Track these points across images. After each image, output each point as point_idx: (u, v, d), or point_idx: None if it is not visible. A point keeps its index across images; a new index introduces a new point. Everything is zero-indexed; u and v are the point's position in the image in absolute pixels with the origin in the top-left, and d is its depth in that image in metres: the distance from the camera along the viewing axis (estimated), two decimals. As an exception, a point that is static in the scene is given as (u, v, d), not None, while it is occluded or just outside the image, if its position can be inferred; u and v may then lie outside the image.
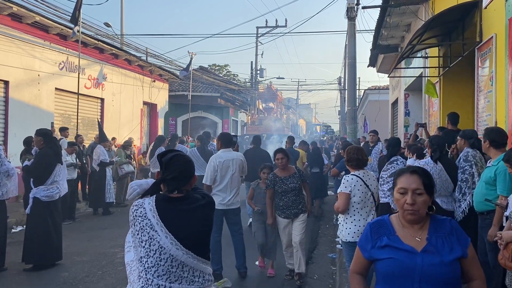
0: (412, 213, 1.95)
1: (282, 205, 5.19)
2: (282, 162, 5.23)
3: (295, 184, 5.20)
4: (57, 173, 5.84)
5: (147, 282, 2.12)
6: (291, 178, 5.23)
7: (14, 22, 10.42)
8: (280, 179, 5.21)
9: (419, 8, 9.29)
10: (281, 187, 5.17)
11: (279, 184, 5.19)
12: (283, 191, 5.16)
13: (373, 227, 2.08)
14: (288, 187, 5.16)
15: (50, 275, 5.51)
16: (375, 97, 20.56)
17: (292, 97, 54.31)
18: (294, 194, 5.20)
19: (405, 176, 2.00)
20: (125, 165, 10.93)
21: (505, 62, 4.83)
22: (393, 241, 1.99)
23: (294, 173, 5.30)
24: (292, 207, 5.18)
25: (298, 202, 5.22)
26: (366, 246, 2.07)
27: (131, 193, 2.35)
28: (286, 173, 5.26)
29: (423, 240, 1.95)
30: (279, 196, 5.21)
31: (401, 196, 1.98)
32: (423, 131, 7.78)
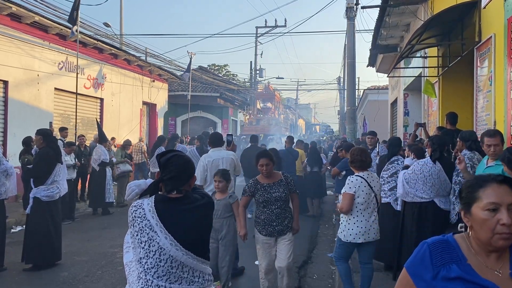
0: (509, 238, 1.43)
1: (264, 218, 4.25)
2: (267, 170, 4.29)
3: (280, 194, 4.24)
4: (57, 172, 5.84)
5: (146, 283, 2.12)
6: (276, 186, 4.28)
7: (13, 22, 10.42)
8: (261, 186, 4.28)
9: (418, 8, 9.30)
10: (263, 195, 4.24)
11: (260, 192, 4.26)
12: (265, 200, 4.23)
13: (433, 249, 1.55)
14: (272, 196, 4.23)
15: (49, 275, 5.51)
16: (374, 97, 20.56)
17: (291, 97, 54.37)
18: (278, 206, 4.24)
19: (493, 188, 1.49)
20: (121, 164, 10.93)
21: (504, 62, 4.84)
22: (467, 272, 1.47)
23: (280, 180, 4.33)
24: (276, 222, 4.24)
25: (283, 216, 4.26)
26: (423, 274, 1.52)
27: (129, 193, 2.35)
28: (270, 179, 4.33)
29: (506, 275, 1.46)
30: (260, 207, 4.31)
31: (491, 215, 1.45)
32: (422, 131, 7.78)
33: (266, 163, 4.29)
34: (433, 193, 4.82)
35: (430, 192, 4.82)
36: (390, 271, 5.34)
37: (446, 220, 4.84)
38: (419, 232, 4.94)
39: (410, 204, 5.00)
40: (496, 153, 4.00)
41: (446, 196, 4.87)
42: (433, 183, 4.78)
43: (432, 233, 4.86)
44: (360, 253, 4.41)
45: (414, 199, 4.91)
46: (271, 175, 4.34)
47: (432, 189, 4.81)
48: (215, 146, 5.50)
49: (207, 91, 23.96)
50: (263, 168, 4.29)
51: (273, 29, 28.99)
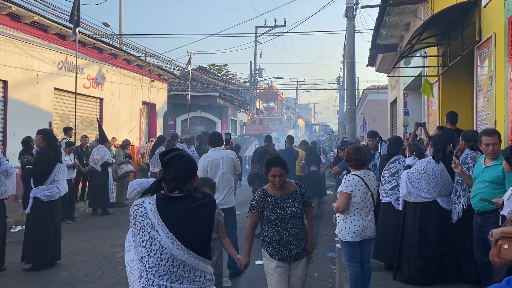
0: None
1: (278, 240, 3.47)
2: (280, 181, 3.48)
3: (295, 209, 3.48)
4: (57, 172, 5.84)
5: (148, 282, 2.11)
6: (290, 199, 3.52)
7: (13, 22, 10.40)
8: (272, 199, 3.50)
9: (418, 8, 9.30)
10: (275, 211, 3.46)
11: (271, 207, 3.48)
12: (278, 218, 3.45)
13: None
14: (286, 212, 3.46)
15: (49, 275, 5.50)
16: (374, 97, 20.56)
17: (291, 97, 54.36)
18: (295, 225, 3.49)
19: None
20: (124, 165, 10.95)
21: (505, 61, 4.84)
22: None
23: (294, 191, 3.56)
24: (293, 245, 3.47)
25: (301, 236, 3.54)
26: None
27: (131, 192, 2.33)
28: (283, 190, 3.55)
29: None
30: (271, 225, 3.50)
31: None
32: (422, 131, 7.78)
33: (280, 173, 3.47)
34: (436, 192, 4.82)
35: (433, 191, 4.82)
36: (391, 270, 5.34)
37: (448, 220, 4.84)
38: (421, 232, 4.94)
39: (412, 204, 5.00)
40: (494, 152, 4.00)
41: (448, 196, 4.87)
42: (436, 182, 4.78)
43: (434, 233, 4.87)
44: None
45: (417, 199, 4.91)
46: (284, 186, 3.57)
47: (435, 188, 4.80)
48: (214, 145, 5.50)
49: (206, 91, 23.95)
50: (276, 179, 3.47)
51: (273, 29, 29.00)
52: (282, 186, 3.53)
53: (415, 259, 4.95)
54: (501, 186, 3.89)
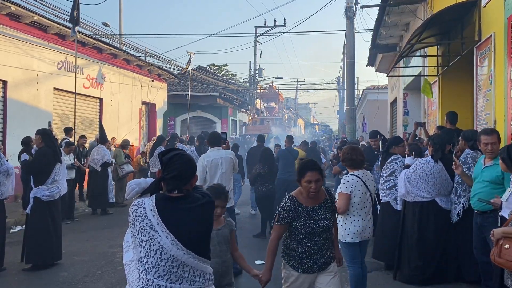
0: None
1: (302, 252, 3.13)
2: (317, 188, 3.10)
3: (328, 222, 3.15)
4: (57, 172, 5.84)
5: (147, 283, 2.11)
6: (322, 210, 3.17)
7: (12, 22, 10.39)
8: (305, 210, 3.12)
9: (417, 7, 9.30)
10: (306, 225, 3.09)
11: (302, 219, 3.10)
12: (310, 232, 3.10)
13: None
14: (318, 226, 3.11)
15: (49, 275, 5.50)
16: (374, 97, 20.57)
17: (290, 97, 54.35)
18: (324, 237, 3.17)
19: None
20: (125, 165, 10.96)
21: (504, 61, 4.83)
22: None
23: (325, 200, 3.22)
24: (317, 255, 3.16)
25: (326, 247, 3.21)
26: None
27: (130, 192, 2.33)
28: (316, 199, 3.17)
29: None
30: (296, 237, 3.14)
31: None
32: (422, 130, 7.78)
33: (316, 178, 3.08)
34: (435, 192, 4.82)
35: (431, 191, 4.82)
36: (390, 270, 5.34)
37: (447, 220, 4.84)
38: (420, 231, 4.94)
39: (411, 203, 5.00)
40: (493, 151, 4.01)
41: (447, 196, 4.87)
42: (434, 182, 4.78)
43: (434, 233, 4.88)
44: None
45: (416, 198, 4.91)
46: (318, 195, 3.17)
47: (434, 188, 4.80)
48: (213, 145, 5.50)
49: (206, 91, 23.95)
50: (311, 185, 3.07)
51: (272, 28, 29.00)
52: (317, 194, 3.13)
53: (415, 259, 4.95)
54: (500, 186, 3.89)
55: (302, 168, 3.15)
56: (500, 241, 3.10)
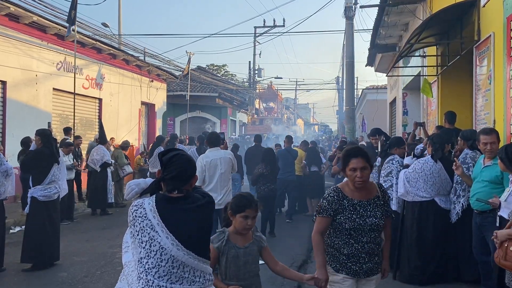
0: None
1: (348, 253, 2.82)
2: (363, 177, 2.78)
3: (377, 220, 2.82)
4: (54, 172, 5.83)
5: (147, 283, 2.11)
6: (372, 206, 2.85)
7: (11, 22, 10.39)
8: (351, 203, 2.83)
9: (417, 7, 9.31)
10: (352, 220, 2.79)
11: (347, 212, 2.81)
12: (355, 228, 2.79)
13: None
14: (365, 223, 2.79)
15: (48, 275, 5.50)
16: (373, 97, 20.57)
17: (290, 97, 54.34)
18: (372, 239, 2.83)
19: None
20: (126, 166, 10.98)
21: (503, 60, 4.84)
22: None
23: (377, 196, 2.89)
24: (364, 259, 2.83)
25: (376, 251, 2.88)
26: None
27: (129, 192, 2.33)
28: (364, 193, 2.86)
29: None
30: (342, 236, 2.84)
31: None
32: (421, 130, 7.78)
33: (362, 165, 2.78)
34: (434, 191, 4.82)
35: (431, 190, 4.82)
36: (390, 270, 5.33)
37: (446, 220, 4.85)
38: (419, 231, 4.94)
39: (411, 203, 5.00)
40: (492, 151, 4.01)
41: (446, 195, 4.87)
42: (434, 181, 4.78)
43: (433, 233, 4.88)
44: None
45: (415, 198, 4.91)
46: (365, 187, 2.86)
47: (433, 187, 4.81)
48: (212, 146, 5.51)
49: (205, 91, 23.94)
50: (357, 173, 2.77)
51: (272, 29, 29.00)
52: (364, 184, 2.81)
53: (414, 259, 4.95)
54: (499, 185, 3.90)
55: (345, 156, 2.87)
56: (505, 243, 3.02)
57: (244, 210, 2.68)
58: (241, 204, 2.71)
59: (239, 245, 2.72)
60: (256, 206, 2.74)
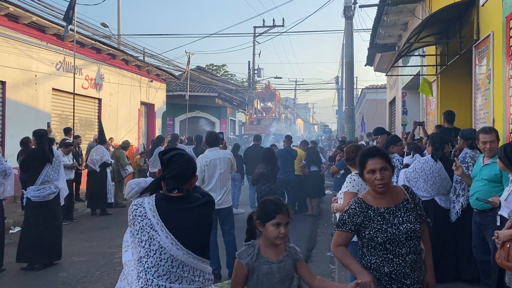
0: None
1: (389, 272, 2.42)
2: (383, 179, 2.44)
3: (412, 225, 2.43)
4: (47, 173, 5.77)
5: (147, 283, 2.11)
6: (401, 210, 2.47)
7: (10, 22, 10.38)
8: (376, 212, 2.46)
9: (416, 7, 9.31)
10: (384, 230, 2.41)
11: (376, 224, 2.43)
12: (390, 240, 2.40)
13: None
14: (400, 231, 2.40)
15: (48, 275, 5.49)
16: (372, 96, 20.60)
17: (289, 97, 54.35)
18: (411, 249, 2.43)
19: None
20: (128, 166, 10.99)
21: (503, 59, 4.84)
22: None
23: (405, 199, 2.52)
24: (410, 279, 2.43)
25: (419, 265, 2.51)
26: None
27: (129, 191, 2.33)
28: (390, 198, 2.51)
29: None
30: (377, 251, 2.45)
31: None
32: (421, 130, 7.79)
33: (381, 166, 2.46)
34: (434, 191, 4.82)
35: (431, 190, 4.82)
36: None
37: (446, 219, 4.84)
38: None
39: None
40: (492, 150, 4.01)
41: (446, 195, 4.87)
42: (434, 181, 4.78)
43: (433, 232, 4.87)
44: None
45: (415, 197, 4.91)
46: (388, 190, 2.50)
47: (433, 187, 4.81)
48: (211, 145, 5.50)
49: (205, 91, 23.94)
50: (376, 175, 2.45)
51: (271, 28, 29.00)
52: (386, 187, 2.46)
53: (414, 258, 4.95)
54: (498, 184, 3.90)
55: (361, 158, 2.55)
56: (507, 244, 2.98)
57: (275, 217, 2.32)
58: (270, 210, 2.35)
59: (272, 259, 2.35)
60: (287, 211, 2.38)
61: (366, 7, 11.23)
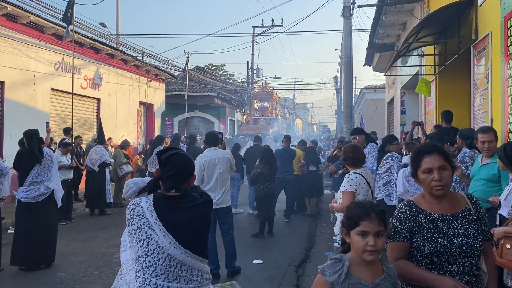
0: None
1: None
2: (441, 178, 2.07)
3: (471, 240, 2.04)
4: (37, 173, 5.68)
5: (144, 282, 2.11)
6: (460, 220, 2.09)
7: (9, 22, 10.37)
8: (429, 218, 2.10)
9: (414, 7, 9.32)
10: (434, 240, 2.05)
11: (425, 231, 2.07)
12: (439, 252, 2.04)
13: None
14: (453, 244, 2.04)
15: (46, 275, 5.49)
16: (371, 96, 20.63)
17: (288, 97, 54.36)
18: (467, 268, 2.05)
19: None
20: (125, 165, 10.98)
21: (501, 59, 4.85)
22: None
23: (467, 209, 2.13)
24: None
25: (473, 285, 2.06)
26: None
27: (127, 191, 2.33)
28: (448, 205, 2.13)
29: None
30: (423, 264, 2.08)
31: None
32: (419, 129, 7.80)
33: (440, 164, 2.08)
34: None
35: (429, 189, 4.83)
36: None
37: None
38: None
39: (409, 202, 5.00)
40: (490, 149, 4.02)
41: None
42: (432, 180, 4.79)
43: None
44: None
45: (414, 197, 4.92)
46: (446, 195, 2.13)
47: (432, 186, 4.81)
48: (211, 145, 5.50)
49: (204, 91, 23.93)
50: (433, 176, 2.08)
51: (270, 28, 28.97)
52: (445, 190, 2.09)
53: (412, 257, 4.95)
54: (497, 184, 3.90)
55: (416, 155, 2.18)
56: (501, 241, 3.03)
57: (359, 223, 1.86)
58: (353, 214, 1.89)
59: (365, 281, 1.86)
60: (377, 216, 1.86)
61: (365, 7, 11.24)
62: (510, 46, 4.61)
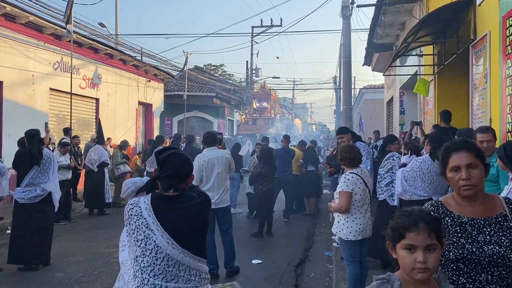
0: None
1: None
2: (470, 176, 1.88)
3: (504, 249, 1.82)
4: (34, 175, 5.66)
5: (143, 282, 2.11)
6: (493, 226, 1.87)
7: (7, 22, 10.35)
8: (457, 222, 1.91)
9: (413, 7, 9.33)
10: (460, 246, 1.86)
11: (451, 235, 1.88)
12: (465, 259, 1.85)
13: None
14: (483, 251, 1.83)
15: (45, 275, 5.48)
16: (370, 96, 20.64)
17: (287, 97, 54.35)
18: (498, 278, 1.82)
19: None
20: (122, 165, 10.96)
21: (499, 59, 4.85)
22: None
23: (502, 214, 1.90)
24: None
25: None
26: None
27: (125, 191, 2.33)
28: (481, 208, 1.93)
29: None
30: (447, 273, 1.88)
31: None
32: (418, 129, 7.80)
33: (468, 162, 1.89)
34: (432, 190, 4.83)
35: (428, 189, 4.83)
36: (387, 268, 5.33)
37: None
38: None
39: (408, 202, 5.00)
40: (489, 149, 4.02)
41: (444, 194, 4.88)
42: (431, 180, 4.79)
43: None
44: None
45: (413, 197, 4.92)
46: (479, 196, 1.94)
47: (431, 186, 4.82)
48: (209, 145, 5.50)
49: (203, 91, 23.92)
50: (460, 174, 1.90)
51: (269, 28, 28.96)
52: (475, 190, 1.89)
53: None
54: (495, 184, 3.91)
55: (444, 152, 1.98)
56: None
57: (404, 236, 1.58)
58: (398, 225, 1.61)
59: None
60: (428, 226, 1.57)
61: (364, 6, 11.23)
62: (508, 46, 4.62)
